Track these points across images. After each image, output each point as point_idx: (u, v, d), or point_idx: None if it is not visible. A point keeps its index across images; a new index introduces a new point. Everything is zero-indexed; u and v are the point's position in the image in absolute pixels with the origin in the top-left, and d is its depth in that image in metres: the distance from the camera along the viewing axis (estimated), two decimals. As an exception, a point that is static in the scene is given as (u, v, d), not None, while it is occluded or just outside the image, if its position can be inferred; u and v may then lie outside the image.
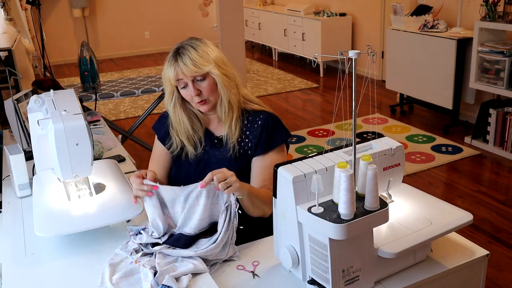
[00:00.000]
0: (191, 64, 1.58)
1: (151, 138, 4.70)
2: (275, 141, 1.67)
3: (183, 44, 1.63)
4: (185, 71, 1.58)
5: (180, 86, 1.64)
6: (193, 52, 1.59)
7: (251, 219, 1.62)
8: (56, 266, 1.39)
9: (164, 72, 1.64)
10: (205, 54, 1.60)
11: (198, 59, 1.58)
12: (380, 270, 1.26)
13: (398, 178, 1.42)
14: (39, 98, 1.67)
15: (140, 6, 8.68)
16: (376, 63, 6.09)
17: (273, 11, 7.78)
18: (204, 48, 1.62)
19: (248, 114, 1.70)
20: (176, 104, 1.67)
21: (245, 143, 1.68)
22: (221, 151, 1.70)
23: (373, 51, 1.14)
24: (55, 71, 7.21)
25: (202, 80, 1.61)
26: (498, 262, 2.67)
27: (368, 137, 1.41)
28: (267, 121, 1.68)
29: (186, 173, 1.71)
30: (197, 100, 1.63)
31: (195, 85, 1.61)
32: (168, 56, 1.63)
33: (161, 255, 1.35)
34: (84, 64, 3.73)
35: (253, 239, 1.52)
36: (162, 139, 1.77)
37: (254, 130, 1.68)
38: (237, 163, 1.67)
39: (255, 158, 1.67)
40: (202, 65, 1.58)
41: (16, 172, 1.77)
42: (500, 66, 3.89)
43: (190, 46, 1.61)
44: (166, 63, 1.63)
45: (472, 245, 1.43)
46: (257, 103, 1.74)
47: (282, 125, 1.71)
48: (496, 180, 3.64)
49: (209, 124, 1.75)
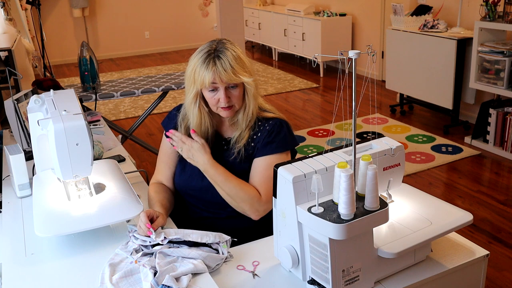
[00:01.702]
0: (231, 71, 1.55)
1: (151, 138, 4.72)
2: (277, 146, 1.63)
3: (220, 47, 1.58)
4: (223, 77, 1.55)
5: (208, 89, 1.60)
6: (232, 58, 1.56)
7: (251, 220, 1.63)
8: (56, 266, 1.39)
9: (197, 72, 1.58)
10: (243, 63, 1.58)
11: (237, 67, 1.56)
12: (380, 270, 1.26)
13: (398, 178, 1.42)
14: (39, 98, 1.67)
15: (140, 6, 8.68)
16: (376, 63, 6.09)
17: (273, 11, 7.77)
18: (241, 55, 1.59)
19: (258, 121, 1.69)
20: (202, 104, 1.64)
21: (251, 147, 1.67)
22: (226, 153, 1.69)
23: (373, 51, 1.14)
24: (55, 71, 7.22)
25: (234, 88, 1.59)
26: (498, 262, 2.67)
27: (368, 137, 1.41)
28: (274, 127, 1.66)
29: (191, 173, 1.71)
30: (224, 105, 1.60)
31: (227, 92, 1.59)
32: (201, 56, 1.58)
33: (161, 255, 1.34)
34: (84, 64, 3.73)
35: (253, 239, 1.52)
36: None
37: (261, 135, 1.67)
38: (241, 166, 1.67)
39: (255, 159, 1.66)
40: (241, 74, 1.56)
41: (16, 172, 1.77)
42: (500, 66, 3.89)
43: (228, 51, 1.57)
44: (199, 63, 1.57)
45: (472, 245, 1.43)
46: (270, 110, 1.72)
47: (289, 132, 1.68)
48: (496, 180, 3.64)
49: (220, 126, 1.74)
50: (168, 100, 5.89)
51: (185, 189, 1.73)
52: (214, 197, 1.67)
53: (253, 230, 1.63)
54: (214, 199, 1.67)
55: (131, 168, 2.05)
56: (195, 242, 1.39)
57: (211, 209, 1.70)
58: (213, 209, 1.70)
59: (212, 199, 1.68)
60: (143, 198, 1.71)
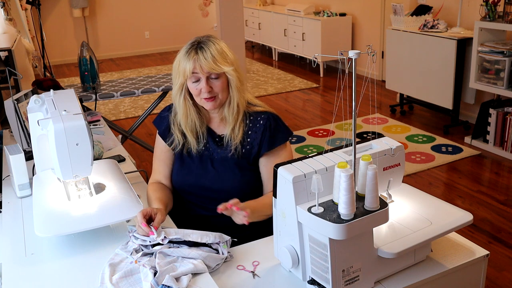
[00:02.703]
0: (211, 60, 1.58)
1: (151, 138, 4.72)
2: (278, 140, 1.70)
3: (204, 39, 1.62)
4: (204, 65, 1.58)
5: (191, 80, 1.62)
6: (214, 49, 1.59)
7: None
8: (56, 266, 1.39)
9: (179, 63, 1.62)
10: (225, 54, 1.61)
11: (219, 57, 1.59)
12: (380, 270, 1.26)
13: (398, 178, 1.42)
14: (39, 98, 1.67)
15: (140, 6, 8.68)
16: (376, 63, 6.09)
17: (273, 11, 7.77)
18: (224, 47, 1.62)
19: (249, 115, 1.72)
20: (186, 96, 1.67)
21: (247, 143, 1.70)
22: (222, 150, 1.71)
23: (373, 51, 1.14)
24: (55, 71, 7.21)
25: (216, 79, 1.61)
26: (498, 262, 2.67)
27: (368, 137, 1.41)
28: (269, 121, 1.70)
29: (189, 170, 1.72)
30: (206, 96, 1.62)
31: (208, 81, 1.61)
32: (185, 48, 1.62)
33: (161, 255, 1.34)
34: (84, 64, 3.73)
35: (253, 239, 1.53)
36: (163, 134, 1.78)
37: (257, 130, 1.70)
38: (238, 162, 1.69)
39: (262, 159, 1.70)
40: (221, 64, 1.59)
41: (16, 172, 1.77)
42: (500, 66, 3.89)
43: (211, 42, 1.61)
44: (182, 55, 1.61)
45: (472, 245, 1.43)
46: (259, 105, 1.75)
47: (283, 124, 1.74)
48: (496, 180, 3.64)
49: (210, 123, 1.75)
50: (168, 100, 5.87)
51: (183, 186, 1.74)
52: (212, 194, 1.68)
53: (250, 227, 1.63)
54: (212, 196, 1.68)
55: (131, 168, 2.05)
56: (195, 242, 1.39)
57: (209, 206, 1.70)
58: (211, 205, 1.70)
59: (210, 196, 1.69)
60: (143, 198, 1.71)
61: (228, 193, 1.66)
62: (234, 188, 1.68)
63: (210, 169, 1.70)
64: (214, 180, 1.70)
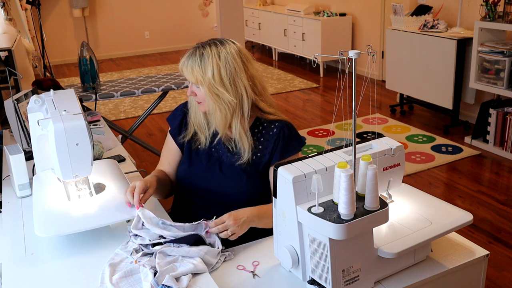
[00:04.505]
0: (190, 70, 1.60)
1: (151, 138, 4.72)
2: (291, 150, 1.68)
3: (200, 46, 1.62)
4: (184, 72, 1.62)
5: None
6: (198, 60, 1.58)
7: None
8: (56, 266, 1.39)
9: None
10: (205, 68, 1.58)
11: (197, 70, 1.58)
12: (380, 270, 1.26)
13: (398, 178, 1.42)
14: (39, 98, 1.67)
15: (140, 6, 8.68)
16: (376, 63, 6.09)
17: (273, 11, 7.77)
18: (210, 61, 1.57)
19: (262, 122, 1.70)
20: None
21: (258, 150, 1.68)
22: (232, 154, 1.70)
23: (373, 51, 1.14)
24: (55, 71, 7.22)
25: (198, 87, 1.63)
26: (498, 262, 2.67)
27: (368, 137, 1.41)
28: (282, 130, 1.68)
29: (196, 168, 1.72)
30: (193, 99, 1.68)
31: (193, 86, 1.64)
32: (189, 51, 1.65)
33: (161, 255, 1.34)
34: (84, 64, 3.73)
35: (253, 239, 1.53)
36: (174, 132, 1.79)
37: (269, 138, 1.68)
38: (247, 169, 1.67)
39: (272, 168, 1.66)
40: (196, 77, 1.59)
41: (16, 172, 1.77)
42: (500, 66, 3.89)
43: (200, 52, 1.59)
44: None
45: (472, 245, 1.43)
46: (273, 113, 1.72)
47: (297, 133, 1.72)
48: (496, 180, 3.64)
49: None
50: (168, 100, 5.89)
51: (188, 185, 1.75)
52: (216, 197, 1.68)
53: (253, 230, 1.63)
54: (216, 198, 1.68)
55: (131, 168, 2.05)
56: (195, 241, 1.39)
57: (212, 208, 1.70)
58: (214, 208, 1.70)
59: (214, 199, 1.69)
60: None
61: (232, 198, 1.66)
62: (238, 193, 1.67)
63: (218, 172, 1.70)
64: (219, 184, 1.69)
